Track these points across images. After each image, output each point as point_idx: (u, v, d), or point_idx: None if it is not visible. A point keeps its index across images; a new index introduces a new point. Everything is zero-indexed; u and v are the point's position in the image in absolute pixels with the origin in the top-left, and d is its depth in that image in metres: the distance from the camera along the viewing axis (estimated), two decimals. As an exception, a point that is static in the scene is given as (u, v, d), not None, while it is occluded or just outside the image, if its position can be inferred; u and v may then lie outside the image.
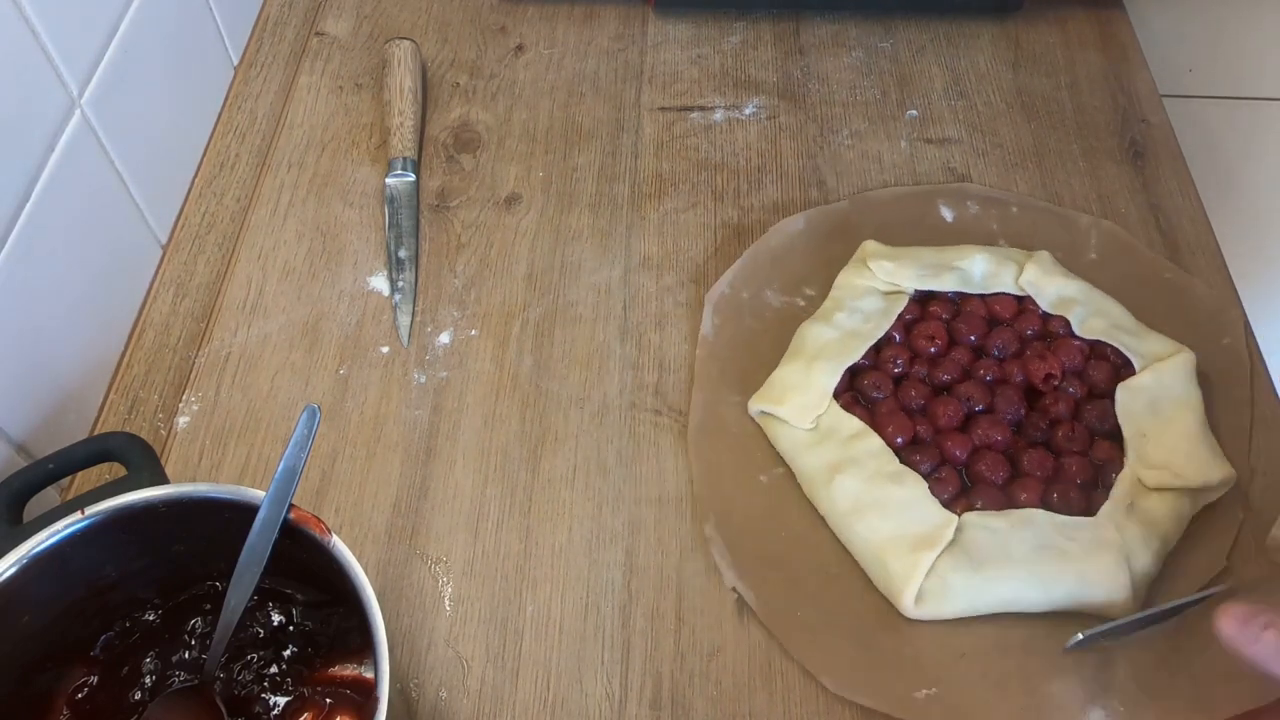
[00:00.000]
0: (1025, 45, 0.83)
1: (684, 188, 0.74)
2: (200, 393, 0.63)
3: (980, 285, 0.65)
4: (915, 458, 0.58)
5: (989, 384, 0.61)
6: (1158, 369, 0.60)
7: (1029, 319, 0.63)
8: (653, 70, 0.81)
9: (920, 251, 0.66)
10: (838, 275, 0.66)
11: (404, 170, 0.73)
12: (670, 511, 0.59)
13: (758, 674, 0.54)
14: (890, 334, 0.62)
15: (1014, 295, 0.64)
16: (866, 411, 0.60)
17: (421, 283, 0.69)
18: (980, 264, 0.65)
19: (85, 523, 0.43)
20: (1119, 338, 0.62)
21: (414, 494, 0.60)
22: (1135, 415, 0.59)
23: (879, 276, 0.64)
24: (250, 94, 0.79)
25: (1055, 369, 0.60)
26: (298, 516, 0.43)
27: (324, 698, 0.46)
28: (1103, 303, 0.64)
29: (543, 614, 0.56)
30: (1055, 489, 0.57)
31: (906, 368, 0.61)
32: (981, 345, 0.62)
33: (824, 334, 0.62)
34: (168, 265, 0.69)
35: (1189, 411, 0.59)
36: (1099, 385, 0.60)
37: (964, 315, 0.63)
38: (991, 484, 0.57)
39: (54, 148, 0.57)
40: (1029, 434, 0.59)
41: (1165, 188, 0.74)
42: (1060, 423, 0.59)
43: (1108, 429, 0.59)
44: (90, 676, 0.47)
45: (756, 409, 0.61)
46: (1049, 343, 0.62)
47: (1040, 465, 0.58)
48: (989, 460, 0.58)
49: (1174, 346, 0.62)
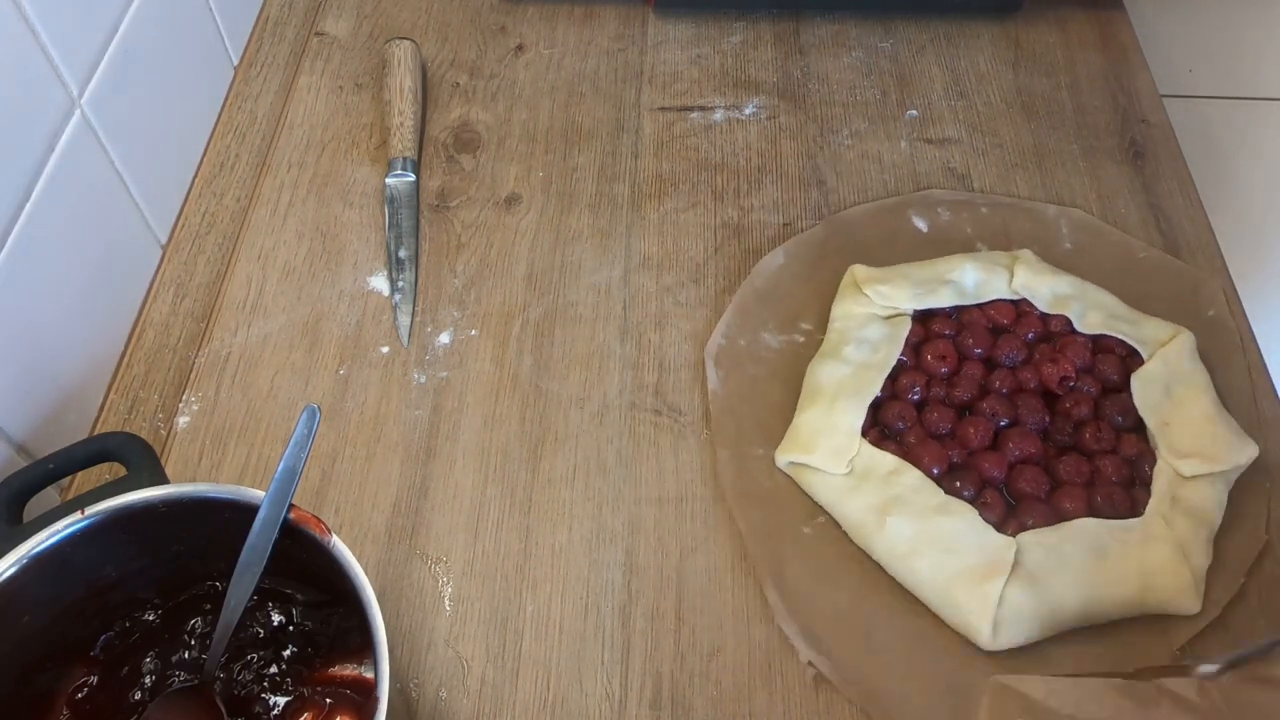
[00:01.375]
0: (1025, 45, 0.83)
1: (684, 188, 0.74)
2: (200, 393, 0.63)
3: (975, 295, 0.64)
4: (956, 484, 0.57)
5: (1007, 396, 0.60)
6: (1164, 354, 0.60)
7: (1030, 322, 0.63)
8: (653, 70, 0.81)
9: (909, 269, 0.66)
10: (833, 306, 0.65)
11: (404, 170, 0.73)
12: (670, 511, 0.59)
13: (758, 674, 0.54)
14: (901, 360, 0.61)
15: (1009, 300, 0.64)
16: (896, 445, 0.59)
17: (421, 283, 0.69)
18: (971, 274, 0.65)
19: (85, 523, 0.43)
20: (1119, 328, 0.62)
21: (414, 494, 0.60)
22: (1155, 405, 0.59)
23: (876, 302, 0.64)
24: (250, 94, 0.79)
25: (1069, 370, 0.60)
26: (298, 516, 0.43)
27: (324, 698, 0.46)
28: (1095, 294, 0.64)
29: (543, 614, 0.56)
30: (1098, 493, 0.57)
31: (924, 392, 0.60)
32: (990, 356, 0.62)
33: (837, 371, 0.61)
34: (168, 265, 0.69)
35: (1202, 392, 0.59)
36: (1111, 379, 0.61)
37: (967, 328, 0.63)
38: (1036, 499, 0.57)
39: (54, 148, 0.57)
40: (1057, 440, 0.59)
41: (1165, 188, 0.74)
42: (1085, 424, 0.59)
43: (1130, 423, 0.59)
44: (90, 676, 0.47)
45: (785, 460, 0.59)
46: (1054, 344, 0.62)
47: (1078, 471, 0.57)
48: (1029, 475, 0.57)
49: (1172, 328, 0.62)
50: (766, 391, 0.63)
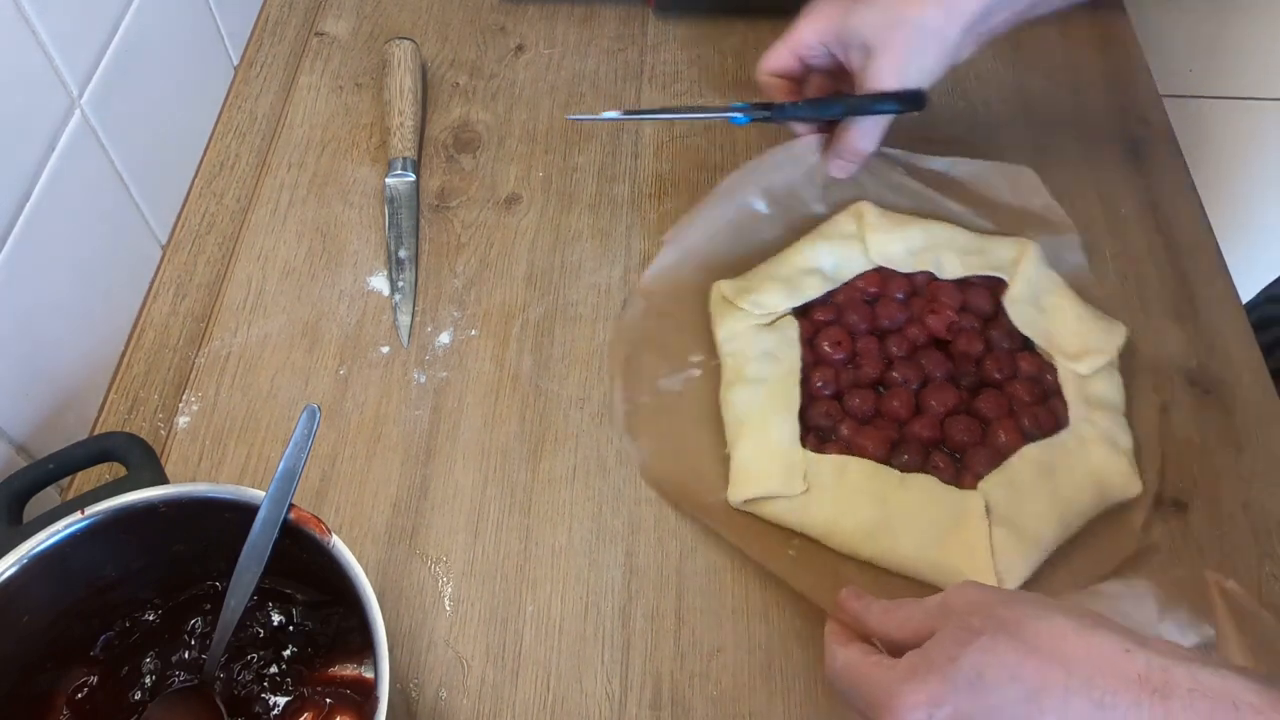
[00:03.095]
0: (1025, 45, 0.83)
1: (684, 188, 0.74)
2: (200, 393, 0.63)
3: (837, 275, 0.65)
4: (904, 459, 0.58)
5: (909, 358, 0.62)
6: (1022, 274, 0.64)
7: (897, 283, 0.65)
8: (653, 70, 0.81)
9: (769, 268, 0.65)
10: (715, 330, 0.64)
11: (404, 170, 0.73)
12: (670, 511, 0.59)
13: (758, 674, 0.54)
14: (802, 359, 0.62)
15: (871, 269, 0.65)
16: (834, 443, 0.59)
17: (421, 283, 0.69)
18: (826, 256, 0.65)
19: (85, 523, 0.43)
20: (973, 264, 0.65)
21: (414, 494, 0.60)
22: (1032, 321, 0.62)
23: (755, 312, 0.63)
24: (250, 94, 0.79)
25: (950, 314, 0.63)
26: (298, 516, 0.43)
27: (324, 698, 0.46)
28: (942, 234, 0.66)
29: (543, 614, 0.56)
30: (1024, 419, 0.59)
31: (836, 384, 0.61)
32: (875, 326, 0.63)
33: (752, 395, 0.60)
34: (168, 265, 0.69)
35: (1065, 295, 0.64)
36: (986, 310, 0.64)
37: (845, 308, 0.64)
38: (976, 445, 0.59)
39: (54, 148, 0.57)
40: (966, 384, 0.61)
41: (1165, 188, 0.74)
42: (982, 358, 0.62)
43: (1018, 344, 0.63)
44: (90, 676, 0.47)
45: (741, 499, 0.57)
46: (924, 295, 0.64)
47: (998, 405, 0.60)
48: (960, 425, 0.59)
49: (1017, 244, 0.66)
50: (693, 439, 0.61)
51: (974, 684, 0.38)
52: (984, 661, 0.39)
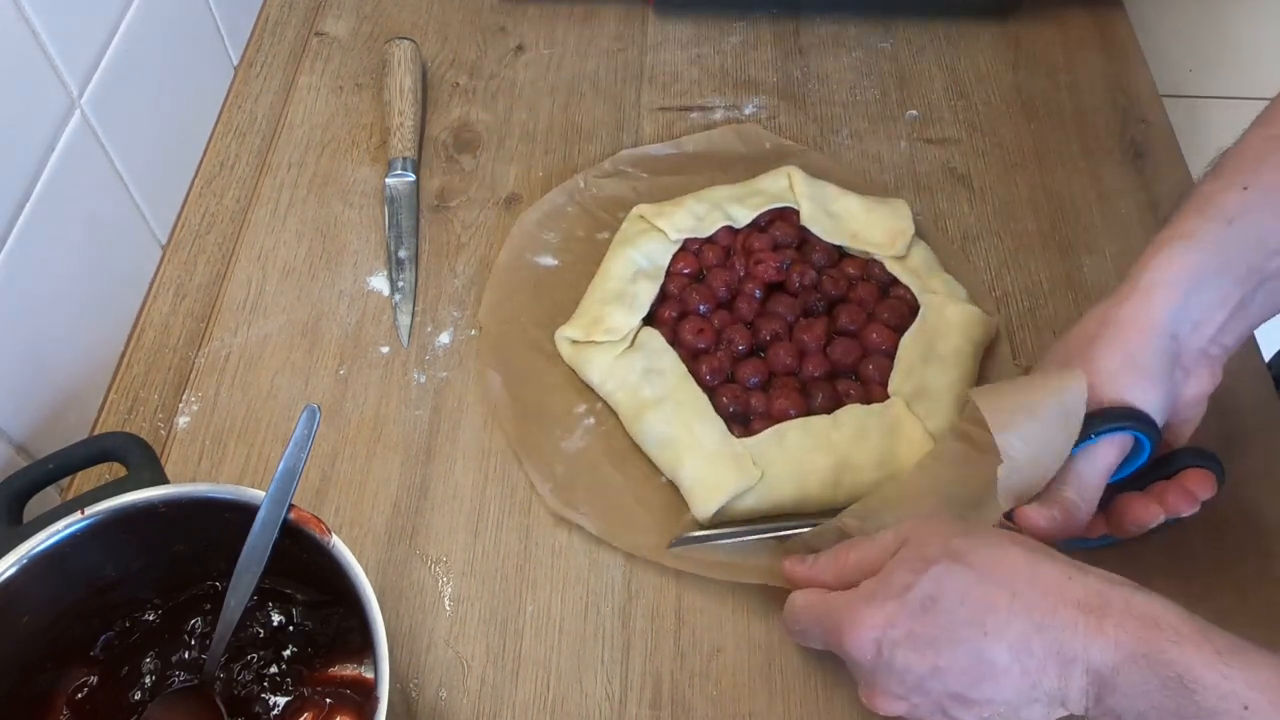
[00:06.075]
0: (1025, 45, 0.83)
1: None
2: (200, 393, 0.63)
3: (656, 267, 0.66)
4: (819, 400, 0.60)
5: (764, 313, 0.64)
6: (802, 194, 0.68)
7: (707, 249, 0.67)
8: (653, 70, 0.81)
9: (596, 295, 0.65)
10: (585, 377, 0.62)
11: (404, 170, 0.73)
12: (670, 511, 0.59)
13: (758, 674, 0.54)
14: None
15: (679, 250, 0.67)
16: (757, 420, 0.60)
17: (421, 283, 0.69)
18: (636, 256, 0.66)
19: (85, 523, 0.43)
20: (756, 203, 0.68)
21: (414, 494, 0.60)
22: (834, 230, 0.67)
23: (613, 340, 0.62)
24: (250, 94, 0.79)
25: (770, 256, 0.65)
26: (298, 516, 0.43)
27: (324, 698, 0.46)
28: (716, 193, 0.69)
29: (543, 614, 0.56)
30: (884, 315, 0.63)
31: (720, 368, 0.61)
32: (717, 299, 0.65)
33: (662, 417, 0.59)
34: (168, 265, 0.69)
35: (844, 196, 0.69)
36: (793, 238, 0.67)
37: (683, 295, 0.65)
38: (862, 358, 0.62)
39: (54, 148, 0.57)
40: (821, 308, 0.64)
41: (1165, 188, 0.74)
42: (818, 283, 0.65)
43: (836, 257, 0.67)
44: (90, 676, 0.47)
45: (710, 512, 0.56)
46: (738, 252, 0.67)
47: (857, 315, 0.64)
48: (840, 349, 0.62)
49: (782, 173, 0.70)
50: (623, 485, 0.59)
51: (926, 608, 0.43)
52: (936, 588, 0.43)
